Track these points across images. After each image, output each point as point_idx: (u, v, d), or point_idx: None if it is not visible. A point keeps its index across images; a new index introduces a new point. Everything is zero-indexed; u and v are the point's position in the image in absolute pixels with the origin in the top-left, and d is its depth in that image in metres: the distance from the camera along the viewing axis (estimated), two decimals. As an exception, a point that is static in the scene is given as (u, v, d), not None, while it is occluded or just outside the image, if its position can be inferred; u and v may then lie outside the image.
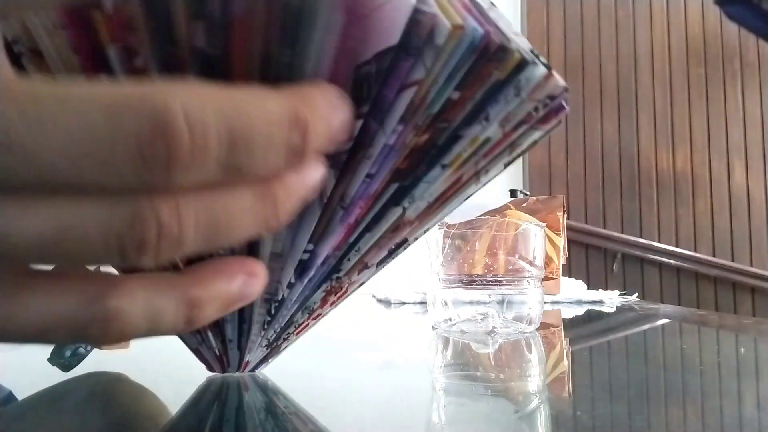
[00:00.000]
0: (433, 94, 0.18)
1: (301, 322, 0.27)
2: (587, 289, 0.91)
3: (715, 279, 2.47)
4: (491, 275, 0.46)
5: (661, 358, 0.42)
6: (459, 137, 0.21)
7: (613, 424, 0.23)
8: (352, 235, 0.23)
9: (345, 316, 0.70)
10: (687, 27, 2.61)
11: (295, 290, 0.24)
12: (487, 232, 0.46)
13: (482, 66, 0.18)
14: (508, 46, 0.18)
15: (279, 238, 0.22)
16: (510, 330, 0.46)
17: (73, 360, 0.35)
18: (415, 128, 0.19)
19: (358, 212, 0.22)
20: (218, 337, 0.26)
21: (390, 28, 0.16)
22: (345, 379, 0.32)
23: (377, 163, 0.20)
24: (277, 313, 0.25)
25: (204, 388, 0.27)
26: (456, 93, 0.19)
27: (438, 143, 0.21)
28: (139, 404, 0.28)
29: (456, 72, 0.18)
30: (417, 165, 0.21)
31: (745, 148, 2.55)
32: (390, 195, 0.22)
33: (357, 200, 0.21)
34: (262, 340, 0.27)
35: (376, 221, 0.23)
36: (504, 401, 0.27)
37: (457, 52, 0.17)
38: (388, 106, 0.18)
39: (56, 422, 0.25)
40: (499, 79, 0.19)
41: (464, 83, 0.19)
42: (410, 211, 0.23)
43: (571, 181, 2.50)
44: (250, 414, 0.23)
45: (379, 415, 0.25)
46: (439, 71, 0.18)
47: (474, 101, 0.19)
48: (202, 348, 0.27)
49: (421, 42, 0.17)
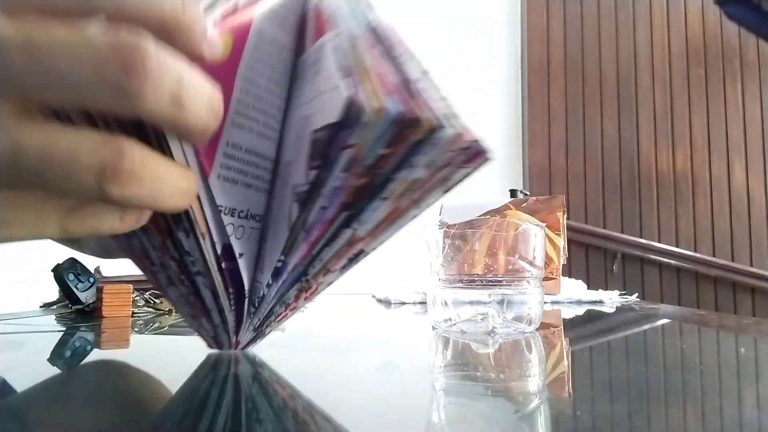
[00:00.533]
0: (366, 152, 0.25)
1: (279, 312, 0.34)
2: (587, 289, 0.91)
3: (715, 279, 2.47)
4: (491, 275, 0.46)
5: (661, 358, 0.42)
6: (392, 179, 0.27)
7: (613, 424, 0.23)
8: (314, 249, 0.29)
9: (345, 316, 0.70)
10: (687, 27, 2.61)
11: (272, 289, 0.31)
12: (487, 232, 0.46)
13: (402, 132, 0.24)
14: (421, 117, 0.24)
15: (260, 253, 0.30)
16: (510, 330, 0.46)
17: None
18: (355, 174, 0.26)
19: (317, 233, 0.28)
20: (210, 324, 0.33)
21: (333, 110, 0.23)
22: (345, 379, 0.32)
23: (328, 199, 0.27)
24: (259, 306, 0.32)
25: (205, 360, 0.35)
26: (385, 150, 0.25)
27: (375, 183, 0.27)
28: (146, 378, 0.33)
29: (382, 137, 0.24)
30: (361, 199, 0.27)
31: (745, 148, 2.55)
32: (342, 220, 0.28)
33: (315, 224, 0.28)
34: (249, 326, 0.33)
35: (332, 239, 0.29)
36: (504, 401, 0.27)
37: (382, 125, 0.24)
38: (333, 160, 0.25)
39: (67, 404, 0.27)
40: (418, 138, 0.25)
41: (391, 143, 0.25)
42: (360, 231, 0.30)
43: (571, 181, 2.50)
44: (240, 378, 0.30)
45: (379, 415, 0.25)
46: (369, 137, 0.24)
47: (400, 154, 0.26)
48: (201, 331, 0.34)
49: (353, 120, 0.23)
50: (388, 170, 0.26)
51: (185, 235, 0.28)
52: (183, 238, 0.28)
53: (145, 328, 0.55)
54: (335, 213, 0.27)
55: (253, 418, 0.23)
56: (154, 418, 0.25)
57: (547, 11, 2.58)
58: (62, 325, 0.58)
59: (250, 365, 0.33)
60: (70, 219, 0.21)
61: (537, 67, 2.55)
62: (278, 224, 0.29)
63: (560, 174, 2.51)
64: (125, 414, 0.25)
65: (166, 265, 0.30)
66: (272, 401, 0.26)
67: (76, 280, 0.63)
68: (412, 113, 0.24)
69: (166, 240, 0.28)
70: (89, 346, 0.49)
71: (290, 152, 0.28)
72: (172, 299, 0.33)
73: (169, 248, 0.29)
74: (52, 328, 0.56)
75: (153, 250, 0.29)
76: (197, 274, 0.29)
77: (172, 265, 0.30)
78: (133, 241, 0.30)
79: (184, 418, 0.24)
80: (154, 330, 0.55)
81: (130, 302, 0.62)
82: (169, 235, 0.28)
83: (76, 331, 0.53)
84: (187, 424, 0.22)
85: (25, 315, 0.63)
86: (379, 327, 0.65)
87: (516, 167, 2.51)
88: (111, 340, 0.51)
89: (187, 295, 0.31)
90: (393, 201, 0.28)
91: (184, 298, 0.32)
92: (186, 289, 0.31)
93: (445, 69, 2.42)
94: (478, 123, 1.32)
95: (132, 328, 0.55)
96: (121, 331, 0.54)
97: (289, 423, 0.23)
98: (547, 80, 2.55)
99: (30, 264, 1.16)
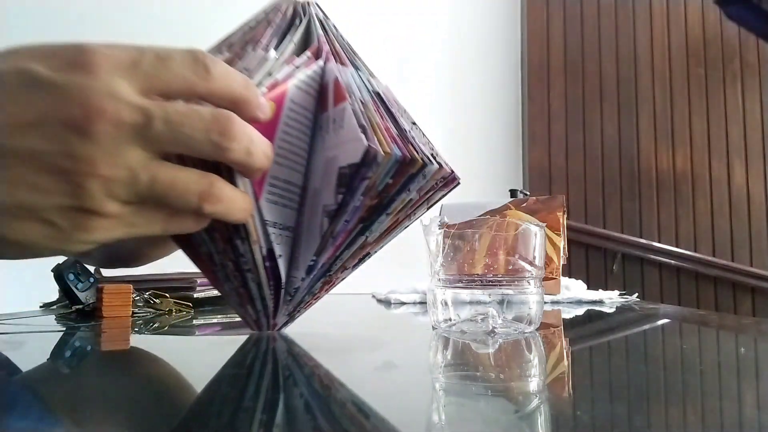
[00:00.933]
0: (378, 182, 0.37)
1: (307, 300, 0.44)
2: (587, 289, 0.91)
3: (715, 279, 2.47)
4: (491, 275, 0.46)
5: (661, 358, 0.42)
6: (394, 199, 0.39)
7: (613, 424, 0.23)
8: (337, 251, 0.40)
9: (345, 316, 0.70)
10: (687, 27, 2.61)
11: (305, 282, 0.41)
12: (487, 232, 0.46)
13: (402, 168, 0.37)
14: (416, 157, 0.37)
15: (294, 254, 0.40)
16: (510, 330, 0.46)
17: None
18: (369, 197, 0.37)
19: (340, 239, 0.39)
20: (253, 310, 0.43)
21: (355, 154, 0.35)
22: (344, 378, 0.32)
23: (350, 215, 0.38)
24: (294, 296, 0.42)
25: (248, 338, 0.45)
26: (390, 180, 0.37)
27: (383, 203, 0.39)
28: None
29: (389, 172, 0.36)
30: (372, 214, 0.39)
31: (745, 148, 2.55)
32: (358, 230, 0.40)
33: (340, 233, 0.39)
34: (284, 311, 0.44)
35: (350, 244, 0.40)
36: (504, 401, 0.27)
37: (389, 164, 0.36)
38: (355, 188, 0.36)
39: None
40: (412, 172, 0.38)
41: (394, 176, 0.37)
42: (370, 238, 0.41)
43: (571, 181, 2.50)
44: (278, 352, 0.40)
45: (378, 414, 0.25)
46: (380, 172, 0.36)
47: (400, 183, 0.38)
48: (245, 316, 0.45)
49: (370, 161, 0.35)
50: (391, 194, 0.38)
51: (241, 242, 0.38)
52: (239, 245, 0.38)
53: (145, 328, 0.55)
54: (354, 225, 0.39)
55: (290, 381, 0.31)
56: (216, 378, 0.32)
57: (547, 11, 2.58)
58: (62, 325, 0.58)
59: (284, 342, 0.43)
60: (170, 223, 0.32)
61: (537, 67, 2.55)
62: (311, 233, 0.40)
63: (560, 174, 2.51)
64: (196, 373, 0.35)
65: (225, 265, 0.40)
66: (303, 369, 0.35)
67: (76, 280, 0.63)
68: (408, 155, 0.36)
69: (226, 246, 0.39)
70: (89, 346, 0.49)
71: (318, 181, 0.39)
72: (225, 291, 0.43)
73: (228, 252, 0.39)
74: (52, 328, 0.56)
75: (216, 254, 0.40)
76: (247, 271, 0.40)
77: (229, 265, 0.40)
78: (202, 249, 0.40)
79: (239, 378, 0.32)
80: (154, 330, 0.55)
81: (130, 302, 0.62)
82: (229, 242, 0.38)
83: (76, 331, 0.53)
84: (241, 384, 0.30)
85: (25, 315, 0.63)
86: (379, 327, 0.65)
87: (516, 167, 2.51)
88: (111, 340, 0.51)
89: (238, 288, 0.41)
90: (394, 215, 0.40)
91: (235, 290, 0.42)
92: (237, 282, 0.41)
93: (445, 69, 2.42)
94: (478, 123, 1.34)
95: (132, 328, 0.55)
96: (121, 331, 0.54)
97: (316, 385, 0.31)
98: (547, 80, 2.55)
99: (30, 264, 1.16)
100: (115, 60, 0.29)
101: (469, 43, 2.50)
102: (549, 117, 2.53)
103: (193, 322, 0.60)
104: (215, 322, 0.63)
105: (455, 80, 2.43)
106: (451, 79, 2.43)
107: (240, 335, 0.46)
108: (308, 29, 0.42)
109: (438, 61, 2.41)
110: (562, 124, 2.53)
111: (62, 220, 0.28)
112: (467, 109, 2.45)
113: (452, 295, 0.47)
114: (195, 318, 0.63)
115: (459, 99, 2.43)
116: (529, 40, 2.56)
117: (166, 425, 0.24)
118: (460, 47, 2.47)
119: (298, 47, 0.40)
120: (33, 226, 0.28)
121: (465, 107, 2.44)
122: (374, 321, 0.68)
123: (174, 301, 0.68)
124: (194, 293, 0.70)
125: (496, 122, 2.51)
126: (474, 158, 2.37)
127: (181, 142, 0.30)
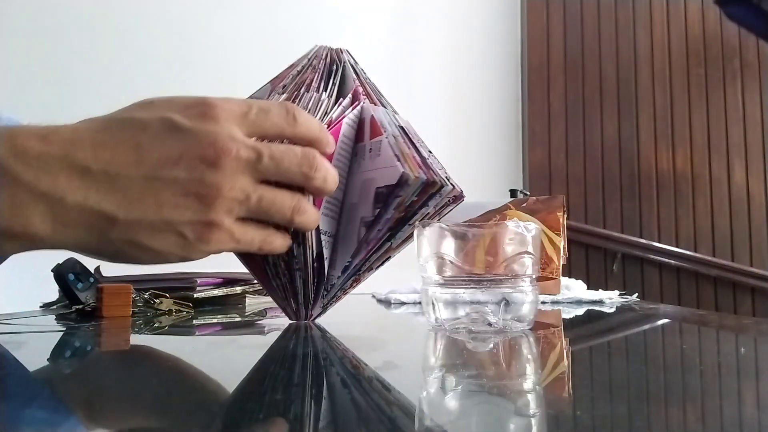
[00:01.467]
0: (407, 199, 0.46)
1: (339, 295, 0.53)
2: (587, 289, 0.91)
3: (715, 279, 2.48)
4: (490, 275, 0.46)
5: (661, 358, 0.42)
6: (416, 213, 0.48)
7: (613, 424, 0.23)
8: (368, 255, 0.49)
9: (345, 316, 0.70)
10: (687, 27, 2.61)
11: (341, 280, 0.50)
12: (486, 232, 0.47)
13: (426, 189, 0.46)
14: (436, 180, 0.46)
15: (333, 257, 0.49)
16: (508, 329, 0.46)
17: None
18: (398, 211, 0.47)
19: (372, 245, 0.48)
20: (295, 303, 0.51)
21: (392, 177, 0.45)
22: (344, 378, 0.32)
23: (382, 225, 0.47)
24: (330, 291, 0.51)
25: (288, 326, 0.52)
26: (416, 197, 0.47)
27: (408, 216, 0.48)
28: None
29: (415, 191, 0.46)
30: (399, 225, 0.48)
31: (745, 148, 2.55)
32: (386, 237, 0.48)
33: (372, 240, 0.48)
34: (320, 305, 0.52)
35: (378, 249, 0.49)
36: (503, 401, 0.27)
37: (417, 185, 0.46)
38: (389, 204, 0.46)
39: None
40: (433, 191, 0.47)
41: (419, 194, 0.46)
42: (393, 244, 0.49)
43: (571, 181, 2.50)
44: (313, 338, 0.47)
45: (378, 414, 0.25)
46: (409, 192, 0.46)
47: (422, 200, 0.47)
48: (287, 309, 0.53)
49: (403, 183, 0.45)
50: (415, 209, 0.47)
51: (297, 245, 0.46)
52: (295, 248, 0.46)
53: (145, 328, 0.55)
54: (384, 233, 0.48)
55: (328, 362, 0.37)
56: (265, 359, 0.40)
57: (547, 11, 2.58)
58: (62, 325, 0.58)
59: (319, 330, 0.50)
60: (264, 243, 0.42)
61: (537, 66, 2.55)
62: (348, 239, 0.49)
63: (560, 174, 2.51)
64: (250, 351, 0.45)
65: (277, 264, 0.48)
66: (336, 352, 0.43)
67: (76, 280, 0.63)
68: (431, 179, 0.46)
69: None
70: (89, 346, 0.49)
71: (355, 197, 0.49)
72: (273, 287, 0.51)
73: (283, 254, 0.46)
74: (52, 328, 0.56)
75: (271, 255, 0.47)
76: (297, 270, 0.48)
77: (281, 264, 0.48)
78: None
79: (285, 359, 0.39)
80: (155, 330, 0.55)
81: (130, 302, 0.62)
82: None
83: (76, 331, 0.53)
84: (289, 363, 0.37)
85: (25, 315, 0.63)
86: (379, 327, 0.65)
87: (516, 167, 2.52)
88: (111, 340, 0.51)
89: (285, 284, 0.50)
90: (413, 225, 0.48)
91: (282, 286, 0.50)
92: (286, 279, 0.49)
93: (445, 69, 2.42)
94: (478, 123, 1.34)
95: (132, 328, 0.55)
96: (121, 331, 0.54)
97: (348, 365, 0.37)
98: (547, 80, 2.55)
99: (30, 264, 1.16)
100: (231, 112, 0.39)
101: (469, 43, 2.50)
102: (549, 117, 2.53)
103: (193, 322, 0.60)
104: (215, 321, 0.63)
105: (455, 80, 2.44)
106: (451, 79, 2.43)
107: (239, 335, 0.46)
108: (344, 73, 0.53)
109: (438, 61, 2.41)
110: (562, 124, 2.53)
111: (191, 232, 0.38)
112: (467, 109, 2.45)
113: (451, 295, 0.47)
114: (195, 318, 0.63)
115: (459, 99, 2.43)
116: (529, 40, 2.56)
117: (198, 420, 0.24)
118: (460, 47, 2.47)
119: (339, 89, 0.52)
120: (169, 237, 0.37)
121: (465, 107, 2.44)
122: (374, 321, 0.68)
123: (174, 301, 0.68)
124: (194, 293, 0.70)
125: (496, 122, 2.51)
126: (474, 158, 2.37)
127: (281, 173, 0.40)
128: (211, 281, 0.74)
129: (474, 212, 0.88)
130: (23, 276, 1.10)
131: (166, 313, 0.65)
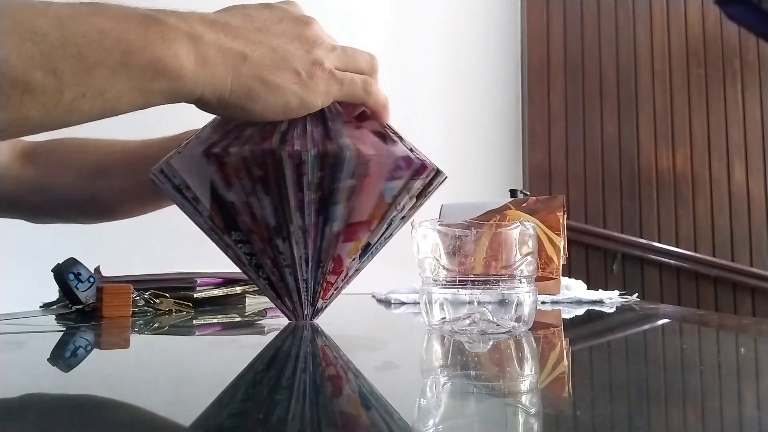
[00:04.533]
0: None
1: (335, 294, 0.53)
2: (587, 289, 0.91)
3: (715, 279, 2.47)
4: (488, 275, 0.46)
5: (661, 358, 0.42)
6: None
7: (613, 424, 0.23)
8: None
9: (345, 316, 0.70)
10: (687, 27, 2.61)
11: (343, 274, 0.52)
12: (486, 232, 0.46)
13: (430, 174, 0.51)
14: (436, 167, 0.50)
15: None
16: (507, 330, 0.46)
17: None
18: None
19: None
20: (290, 302, 0.51)
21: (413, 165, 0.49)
22: (344, 378, 0.32)
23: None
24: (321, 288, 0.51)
25: (287, 325, 0.52)
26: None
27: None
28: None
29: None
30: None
31: (745, 148, 2.55)
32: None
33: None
34: (314, 303, 0.51)
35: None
36: (502, 401, 0.27)
37: (429, 173, 0.50)
38: (400, 190, 0.49)
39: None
40: (433, 175, 0.51)
41: (425, 179, 0.50)
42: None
43: (571, 181, 2.50)
44: (308, 335, 0.48)
45: (378, 414, 0.25)
46: (420, 179, 0.50)
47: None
48: (282, 308, 0.52)
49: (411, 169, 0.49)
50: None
51: (282, 241, 0.47)
52: (279, 244, 0.47)
53: (145, 328, 0.55)
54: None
55: (328, 356, 0.40)
56: (264, 359, 0.40)
57: (547, 11, 2.58)
58: (62, 325, 0.58)
59: (318, 330, 0.50)
60: (365, 80, 0.49)
61: (537, 66, 2.55)
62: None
63: (560, 174, 2.51)
64: (250, 351, 0.46)
65: (263, 263, 0.49)
66: (332, 348, 0.44)
67: (76, 280, 0.63)
68: (433, 166, 0.50)
69: (265, 246, 0.48)
70: (89, 346, 0.49)
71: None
72: (264, 286, 0.51)
73: (267, 251, 0.48)
74: (52, 328, 0.56)
75: (254, 255, 0.49)
76: (286, 267, 0.48)
77: (267, 263, 0.48)
78: (244, 249, 0.49)
79: (287, 353, 0.42)
80: (155, 330, 0.55)
81: (130, 302, 0.62)
82: (269, 242, 0.47)
83: (76, 331, 0.53)
84: (292, 355, 0.40)
85: (25, 315, 0.63)
86: (379, 327, 0.65)
87: (516, 167, 2.51)
88: (111, 340, 0.51)
89: (278, 282, 0.49)
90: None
91: (274, 284, 0.50)
92: (276, 278, 0.49)
93: (445, 69, 2.42)
94: (478, 123, 1.34)
95: (132, 328, 0.55)
96: (121, 331, 0.54)
97: (343, 357, 0.40)
98: (547, 80, 2.55)
99: (30, 264, 1.16)
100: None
101: (469, 42, 2.49)
102: (549, 117, 2.53)
103: (193, 322, 0.60)
104: (215, 322, 0.63)
105: (455, 80, 2.43)
106: (451, 79, 2.43)
107: (239, 335, 0.46)
108: None
109: (438, 61, 2.41)
110: (562, 124, 2.53)
111: (303, 69, 0.45)
112: (467, 109, 2.45)
113: (450, 295, 0.47)
114: (195, 318, 0.63)
115: (459, 99, 2.43)
116: (529, 40, 2.56)
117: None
118: (460, 47, 2.47)
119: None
120: (287, 74, 0.44)
121: (465, 107, 2.44)
122: (374, 321, 0.68)
123: (174, 301, 0.68)
124: (194, 293, 0.70)
125: (496, 122, 2.51)
126: (474, 158, 2.37)
127: (350, 67, 0.48)
128: (211, 281, 0.74)
129: (474, 212, 0.88)
130: (23, 276, 1.09)
131: (166, 313, 0.65)
